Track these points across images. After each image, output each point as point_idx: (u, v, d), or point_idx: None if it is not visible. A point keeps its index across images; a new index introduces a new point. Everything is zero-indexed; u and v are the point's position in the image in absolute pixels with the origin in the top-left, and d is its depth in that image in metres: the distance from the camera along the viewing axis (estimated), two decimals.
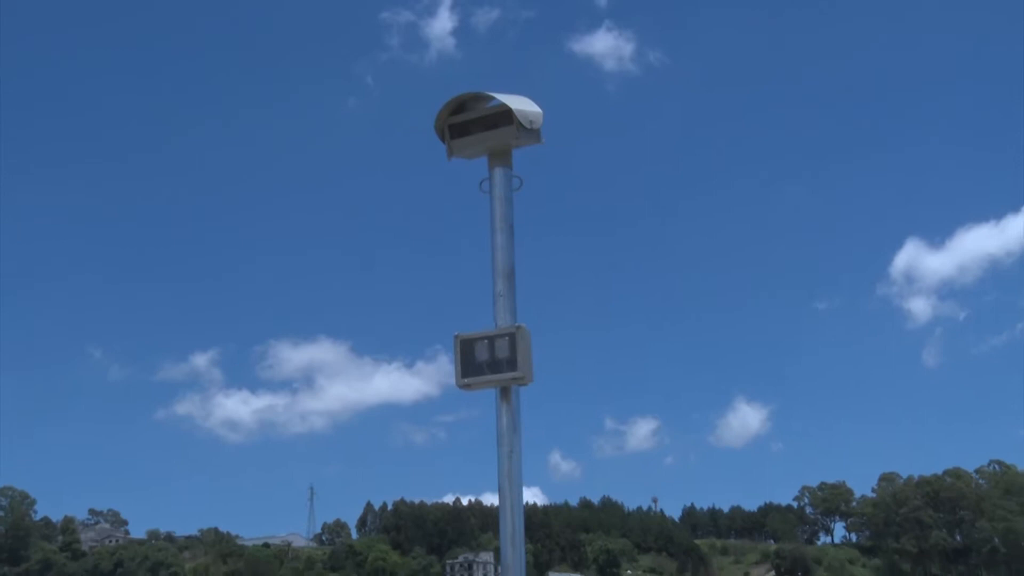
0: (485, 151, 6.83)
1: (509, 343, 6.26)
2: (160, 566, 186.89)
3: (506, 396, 6.34)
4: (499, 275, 6.52)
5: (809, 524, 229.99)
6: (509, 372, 6.23)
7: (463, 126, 6.85)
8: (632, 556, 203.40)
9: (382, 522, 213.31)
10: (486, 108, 6.82)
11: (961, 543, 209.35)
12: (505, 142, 6.77)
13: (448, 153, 6.91)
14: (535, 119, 6.75)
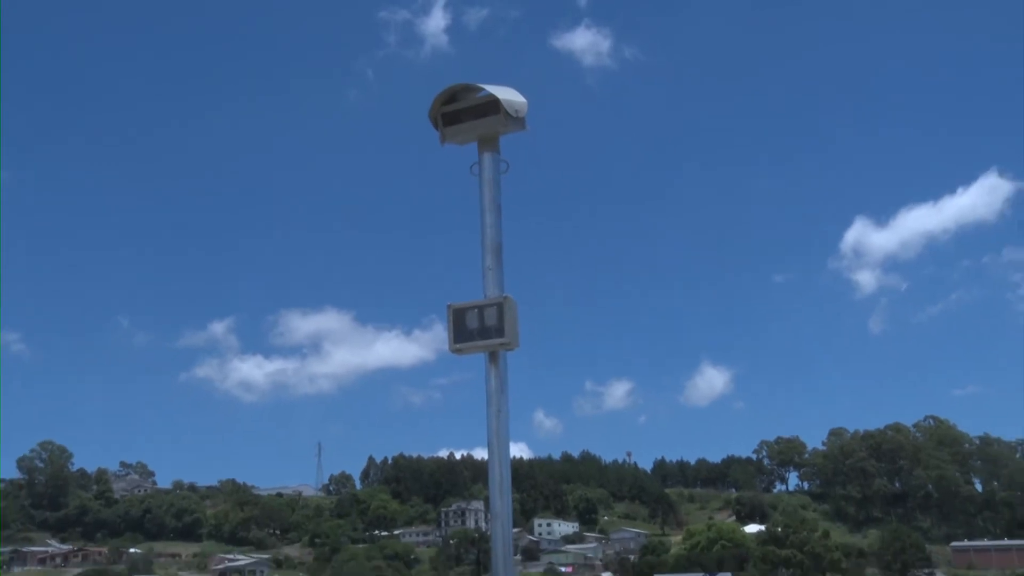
0: (475, 137, 6.80)
1: (497, 312, 6.25)
2: (184, 512, 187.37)
3: (494, 360, 6.33)
4: (488, 251, 6.50)
5: (766, 474, 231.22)
6: (497, 338, 6.23)
7: (455, 115, 6.82)
8: (608, 504, 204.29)
9: (383, 474, 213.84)
10: (476, 98, 6.78)
11: (900, 489, 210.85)
12: (493, 129, 6.74)
13: (441, 139, 6.88)
14: (520, 108, 6.73)
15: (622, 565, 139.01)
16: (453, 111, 6.82)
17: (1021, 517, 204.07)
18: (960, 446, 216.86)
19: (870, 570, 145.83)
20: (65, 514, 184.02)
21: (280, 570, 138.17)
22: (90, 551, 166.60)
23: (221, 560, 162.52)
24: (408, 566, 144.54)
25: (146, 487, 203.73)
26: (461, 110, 6.80)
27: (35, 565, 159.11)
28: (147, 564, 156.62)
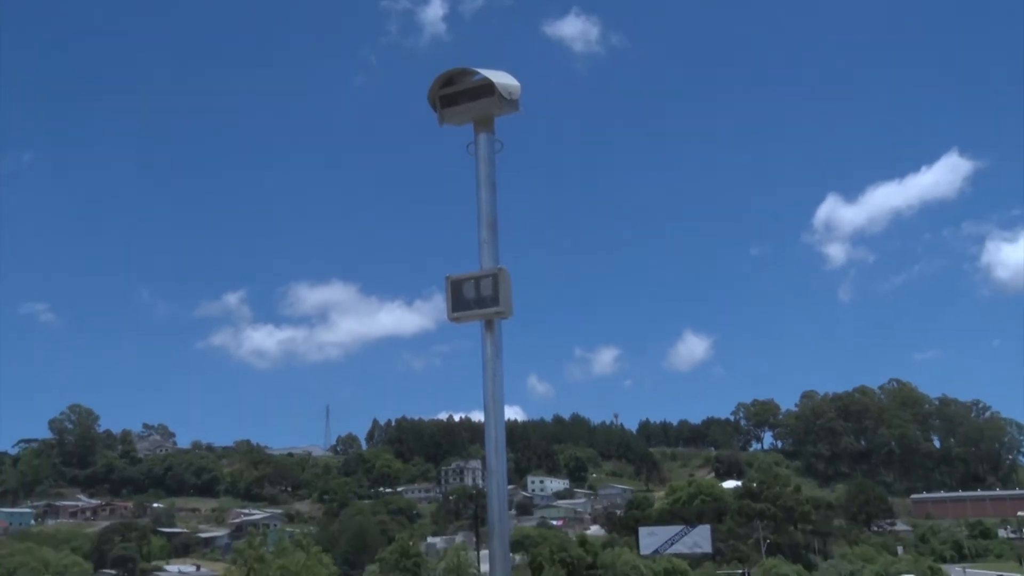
0: (471, 119, 6.75)
1: (492, 283, 6.23)
2: (202, 470, 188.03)
3: (490, 328, 6.30)
4: (484, 225, 6.46)
5: (743, 434, 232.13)
6: (492, 307, 6.20)
7: (452, 97, 6.77)
8: (597, 462, 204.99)
9: (387, 435, 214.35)
10: (472, 82, 6.73)
11: (865, 447, 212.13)
12: (488, 111, 6.70)
13: (440, 120, 6.83)
14: (514, 91, 6.69)
15: (609, 519, 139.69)
16: (451, 94, 6.78)
17: (974, 471, 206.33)
18: (920, 406, 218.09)
19: (837, 521, 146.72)
20: (93, 472, 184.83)
21: (292, 524, 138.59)
22: (116, 505, 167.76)
23: (237, 514, 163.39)
24: (411, 520, 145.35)
25: (167, 447, 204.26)
26: (458, 93, 6.76)
27: (67, 518, 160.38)
28: (169, 518, 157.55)
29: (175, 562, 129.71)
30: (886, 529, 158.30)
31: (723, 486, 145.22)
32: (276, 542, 57.83)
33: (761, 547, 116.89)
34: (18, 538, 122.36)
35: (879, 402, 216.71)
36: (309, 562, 47.84)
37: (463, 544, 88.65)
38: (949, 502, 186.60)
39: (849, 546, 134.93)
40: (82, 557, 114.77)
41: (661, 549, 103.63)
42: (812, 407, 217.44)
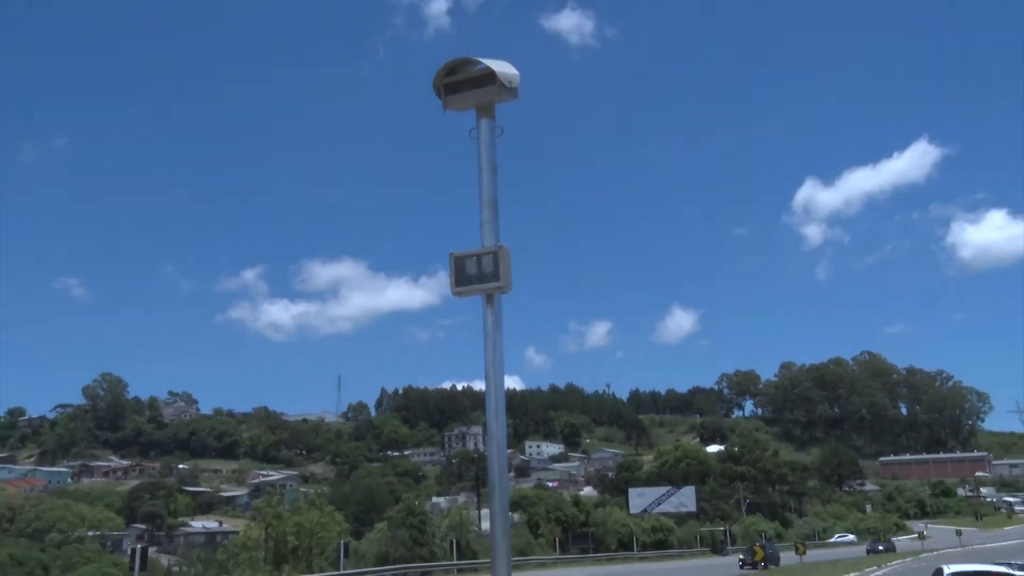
0: (473, 105, 6.69)
1: (493, 260, 6.20)
2: (224, 435, 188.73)
3: (491, 302, 6.26)
4: (485, 205, 6.41)
5: (726, 402, 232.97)
6: (493, 283, 6.17)
7: (455, 85, 6.71)
8: (590, 428, 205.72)
9: (395, 403, 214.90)
10: (474, 71, 6.68)
11: (838, 414, 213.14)
12: (489, 98, 6.65)
13: (443, 107, 6.78)
14: (513, 80, 6.64)
15: (601, 480, 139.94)
16: (454, 82, 6.73)
17: (937, 435, 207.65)
18: (889, 376, 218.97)
19: (812, 482, 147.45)
20: (123, 435, 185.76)
21: (306, 484, 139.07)
22: (145, 466, 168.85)
23: (256, 475, 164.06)
24: (416, 482, 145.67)
25: (191, 413, 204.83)
26: (461, 81, 6.71)
27: (100, 477, 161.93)
28: (193, 478, 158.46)
29: (199, 518, 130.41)
30: (856, 489, 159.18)
31: (707, 450, 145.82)
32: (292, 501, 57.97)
33: (742, 506, 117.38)
34: (57, 495, 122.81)
35: (851, 372, 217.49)
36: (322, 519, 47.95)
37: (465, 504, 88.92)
38: (914, 464, 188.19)
39: (822, 505, 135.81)
40: (114, 513, 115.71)
41: (649, 508, 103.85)
42: (790, 377, 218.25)
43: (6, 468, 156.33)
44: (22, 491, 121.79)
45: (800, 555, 45.93)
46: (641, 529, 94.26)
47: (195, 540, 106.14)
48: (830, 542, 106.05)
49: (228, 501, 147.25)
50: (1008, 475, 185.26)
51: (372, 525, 77.95)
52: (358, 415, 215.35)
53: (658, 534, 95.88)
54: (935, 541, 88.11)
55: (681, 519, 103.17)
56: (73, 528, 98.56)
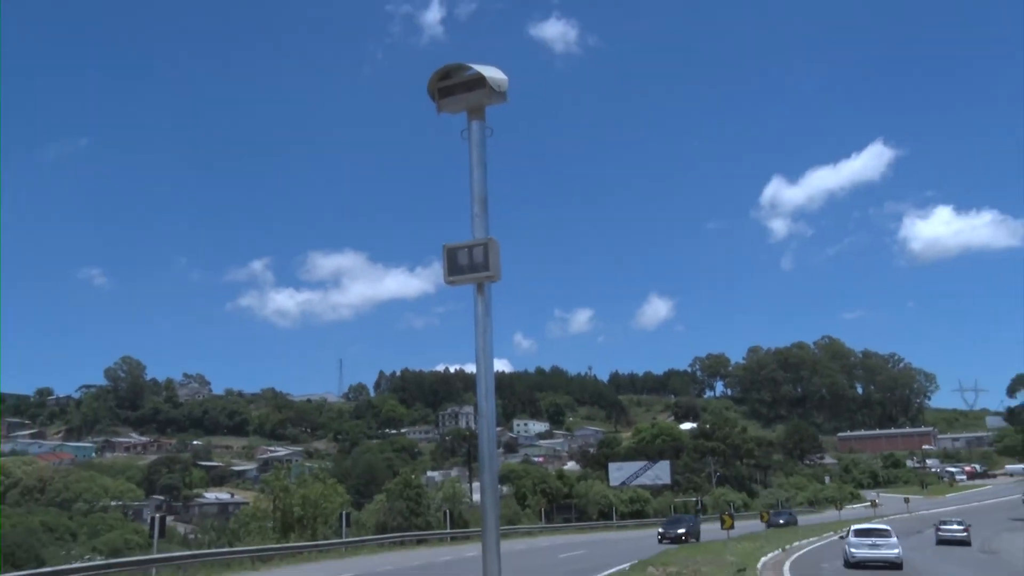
0: (465, 108, 6.64)
1: (483, 251, 6.16)
2: (234, 413, 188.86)
3: (481, 290, 6.23)
4: (476, 200, 6.38)
5: (699, 383, 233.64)
6: (483, 272, 6.14)
7: (448, 89, 6.66)
8: (573, 408, 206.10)
9: (392, 384, 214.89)
10: (465, 75, 6.62)
11: (801, 393, 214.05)
12: (480, 101, 6.59)
13: (437, 109, 6.73)
14: (502, 84, 6.59)
15: (583, 456, 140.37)
16: (447, 86, 6.67)
17: (889, 412, 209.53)
18: (847, 359, 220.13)
19: (776, 456, 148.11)
20: (142, 414, 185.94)
21: (310, 459, 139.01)
22: (162, 442, 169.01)
23: (264, 451, 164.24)
24: (412, 457, 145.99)
25: (204, 393, 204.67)
26: (454, 85, 6.65)
27: (122, 452, 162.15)
28: (207, 453, 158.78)
29: (212, 490, 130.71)
30: (816, 462, 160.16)
31: (681, 428, 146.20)
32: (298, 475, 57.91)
33: (712, 479, 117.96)
34: (83, 468, 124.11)
35: (813, 355, 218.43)
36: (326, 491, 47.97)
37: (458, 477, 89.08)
38: (868, 439, 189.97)
39: (785, 477, 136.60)
40: (135, 485, 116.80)
41: (627, 481, 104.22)
42: (757, 360, 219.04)
43: (36, 443, 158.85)
44: (51, 464, 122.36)
45: (726, 529, 42.42)
46: (620, 500, 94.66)
47: (209, 510, 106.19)
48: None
49: (239, 475, 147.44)
50: (951, 448, 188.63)
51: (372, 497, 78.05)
52: (358, 395, 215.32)
53: (635, 505, 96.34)
54: (885, 508, 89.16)
55: (657, 491, 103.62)
56: (98, 498, 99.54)
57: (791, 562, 33.53)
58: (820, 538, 53.60)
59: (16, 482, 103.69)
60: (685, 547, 41.02)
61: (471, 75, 6.61)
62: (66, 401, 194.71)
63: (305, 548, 40.02)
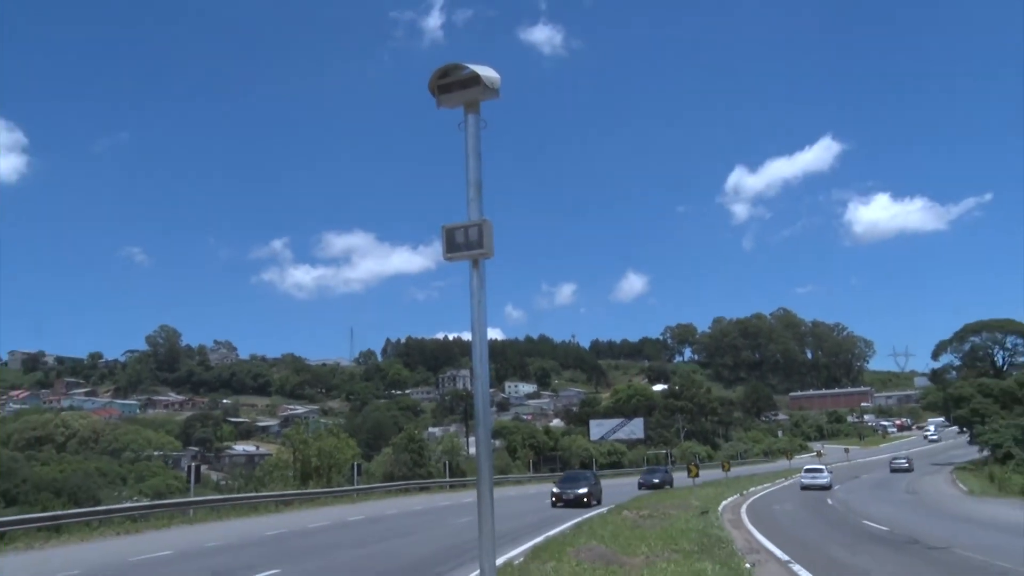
0: (462, 103, 6.60)
1: (478, 231, 6.15)
2: (258, 376, 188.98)
3: (476, 266, 6.22)
4: (471, 185, 6.35)
5: (669, 350, 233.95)
6: (477, 250, 6.13)
7: (447, 86, 6.62)
8: (558, 371, 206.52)
9: (397, 350, 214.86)
10: (462, 74, 6.58)
11: (758, 358, 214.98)
12: (475, 97, 6.56)
13: (437, 104, 6.69)
14: (495, 82, 6.55)
15: (567, 414, 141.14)
16: (446, 83, 6.63)
17: (834, 375, 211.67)
18: (799, 328, 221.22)
19: (736, 414, 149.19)
20: (178, 375, 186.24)
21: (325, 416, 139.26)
22: (196, 401, 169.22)
23: (285, 409, 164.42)
24: (415, 415, 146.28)
25: (232, 358, 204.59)
26: (452, 83, 6.61)
27: (161, 409, 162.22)
28: (235, 410, 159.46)
29: (240, 443, 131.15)
30: (771, 418, 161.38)
31: (653, 389, 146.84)
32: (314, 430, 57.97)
33: (680, 433, 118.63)
34: (129, 422, 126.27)
35: (769, 325, 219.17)
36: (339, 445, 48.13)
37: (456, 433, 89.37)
38: (815, 398, 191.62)
39: (744, 431, 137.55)
40: (173, 437, 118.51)
41: (606, 436, 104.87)
42: (720, 329, 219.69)
43: (89, 400, 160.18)
44: (103, 419, 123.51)
45: (692, 477, 43.38)
46: (599, 452, 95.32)
47: (237, 460, 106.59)
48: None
49: (263, 429, 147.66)
50: (884, 405, 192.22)
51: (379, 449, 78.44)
52: (367, 360, 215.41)
53: (613, 456, 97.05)
54: (829, 457, 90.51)
55: (632, 444, 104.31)
56: (142, 449, 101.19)
57: (747, 505, 33.83)
58: (773, 484, 54.15)
59: (74, 433, 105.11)
60: (656, 493, 41.34)
61: (467, 74, 6.58)
62: (114, 364, 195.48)
63: (322, 494, 40.19)
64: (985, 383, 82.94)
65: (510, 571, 12.13)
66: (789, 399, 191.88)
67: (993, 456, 65.93)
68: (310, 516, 30.52)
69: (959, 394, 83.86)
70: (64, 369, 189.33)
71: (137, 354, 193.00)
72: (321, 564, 15.66)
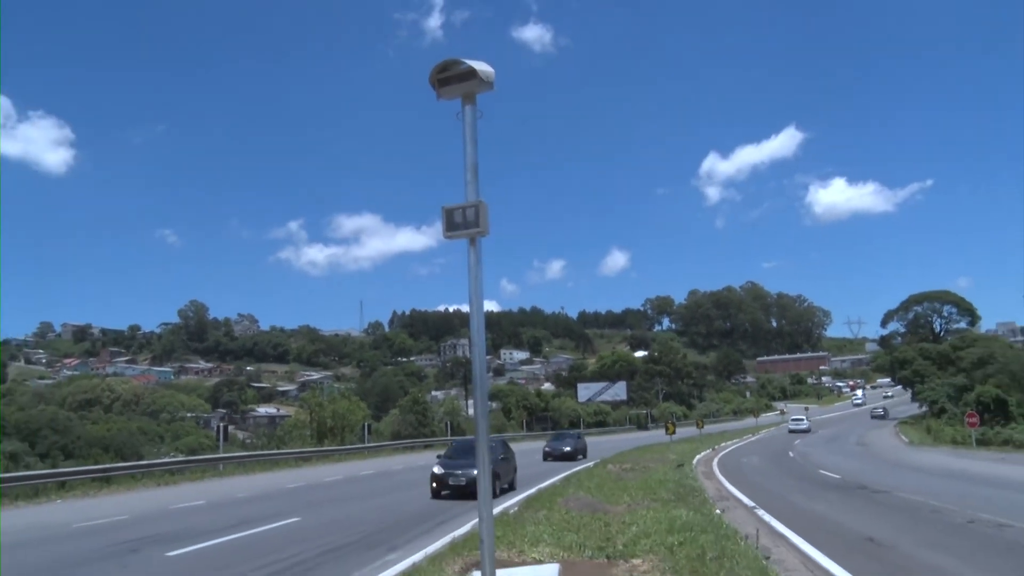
0: (460, 95, 6.54)
1: (475, 211, 6.12)
2: (278, 345, 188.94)
3: (473, 244, 6.20)
4: (468, 169, 6.32)
5: (649, 319, 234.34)
6: (474, 229, 6.10)
7: (446, 80, 6.54)
8: (549, 340, 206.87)
9: (403, 321, 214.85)
10: (460, 69, 6.51)
11: (729, 327, 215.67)
12: (472, 90, 6.49)
13: (437, 97, 6.63)
14: (490, 76, 6.49)
15: (557, 378, 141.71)
16: (445, 77, 6.56)
17: (796, 341, 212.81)
18: (765, 299, 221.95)
19: (709, 377, 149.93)
20: (207, 345, 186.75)
21: (338, 382, 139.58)
22: (223, 368, 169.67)
23: (302, 375, 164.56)
24: (419, 380, 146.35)
25: (254, 329, 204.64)
26: (450, 77, 6.53)
27: (192, 375, 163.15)
28: (257, 376, 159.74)
29: (263, 406, 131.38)
30: (740, 381, 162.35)
31: (635, 355, 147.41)
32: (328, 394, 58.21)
33: (659, 395, 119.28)
34: (164, 387, 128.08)
35: (739, 296, 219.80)
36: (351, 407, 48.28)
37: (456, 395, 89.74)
38: (780, 362, 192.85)
39: (716, 393, 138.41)
40: (204, 400, 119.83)
41: (592, 398, 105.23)
42: (695, 300, 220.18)
43: (130, 367, 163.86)
44: (142, 384, 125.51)
45: (670, 434, 40.81)
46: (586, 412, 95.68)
47: (260, 421, 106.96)
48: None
49: (283, 393, 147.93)
50: (840, 368, 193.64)
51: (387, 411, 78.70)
52: (376, 331, 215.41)
53: (598, 416, 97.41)
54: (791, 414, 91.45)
55: (616, 405, 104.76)
56: (177, 410, 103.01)
57: (718, 459, 34.13)
58: (741, 440, 54.57)
59: (118, 396, 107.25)
60: (637, 448, 41.50)
61: (464, 68, 6.52)
62: (150, 335, 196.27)
63: (336, 451, 40.36)
64: (925, 347, 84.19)
65: (506, 519, 12.22)
66: (756, 363, 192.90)
67: (930, 411, 67.16)
68: (326, 471, 30.69)
69: (903, 357, 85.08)
70: (108, 340, 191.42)
71: (170, 326, 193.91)
72: (336, 513, 15.80)
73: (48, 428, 54.45)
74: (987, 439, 43.75)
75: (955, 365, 72.15)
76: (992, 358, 64.87)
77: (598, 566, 8.49)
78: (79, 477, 23.56)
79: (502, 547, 9.32)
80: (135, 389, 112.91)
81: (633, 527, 10.86)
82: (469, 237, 6.26)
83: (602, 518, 12.18)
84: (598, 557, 8.96)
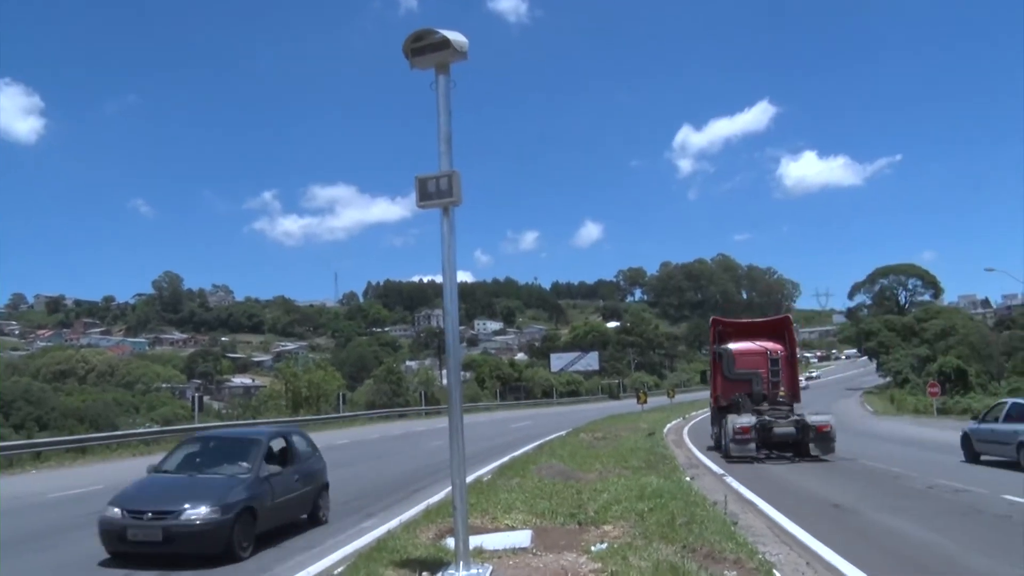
0: (433, 65, 6.48)
1: (448, 181, 6.09)
2: (253, 316, 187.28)
3: (446, 214, 6.17)
4: (442, 140, 6.27)
5: (622, 291, 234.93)
6: (447, 198, 6.08)
7: (420, 49, 6.47)
8: (522, 310, 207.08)
9: (377, 292, 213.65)
10: (434, 39, 6.43)
11: (700, 299, 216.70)
12: (445, 60, 6.44)
13: (411, 66, 6.55)
14: (463, 46, 6.43)
15: (530, 348, 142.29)
16: (419, 47, 6.49)
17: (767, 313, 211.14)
18: (736, 271, 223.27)
19: (680, 347, 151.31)
20: (181, 316, 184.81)
21: (313, 352, 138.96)
22: (198, 339, 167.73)
23: (277, 346, 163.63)
24: (394, 350, 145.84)
25: (229, 300, 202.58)
26: (424, 46, 6.47)
27: (167, 346, 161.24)
28: (232, 347, 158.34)
29: (238, 376, 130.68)
30: None
31: (607, 326, 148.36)
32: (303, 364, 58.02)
33: (631, 365, 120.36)
34: (139, 358, 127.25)
35: (710, 268, 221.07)
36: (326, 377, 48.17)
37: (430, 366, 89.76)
38: None
39: (687, 363, 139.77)
40: (179, 371, 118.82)
41: (565, 368, 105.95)
42: (667, 272, 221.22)
43: (104, 338, 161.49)
44: (117, 355, 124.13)
45: (641, 404, 43.13)
46: (559, 382, 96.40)
47: (235, 391, 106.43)
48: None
49: (258, 364, 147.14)
50: (808, 339, 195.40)
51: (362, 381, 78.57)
52: (350, 301, 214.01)
53: (571, 386, 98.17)
54: None
55: (588, 375, 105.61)
56: (152, 381, 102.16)
57: (688, 428, 34.61)
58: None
59: (93, 368, 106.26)
60: (609, 417, 41.94)
61: (438, 38, 6.46)
62: (125, 306, 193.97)
63: (311, 420, 40.32)
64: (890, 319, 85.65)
65: (479, 486, 12.32)
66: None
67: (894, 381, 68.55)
68: None
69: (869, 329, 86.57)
70: (82, 310, 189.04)
71: (145, 297, 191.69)
72: None
73: (22, 399, 53.86)
74: (947, 408, 44.78)
75: (919, 336, 73.60)
76: (954, 330, 66.31)
77: (570, 532, 8.61)
78: (54, 448, 23.59)
79: (476, 514, 9.40)
80: (109, 360, 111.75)
81: (604, 494, 11.01)
82: (442, 207, 6.23)
83: (574, 486, 12.32)
84: (570, 523, 9.08)
